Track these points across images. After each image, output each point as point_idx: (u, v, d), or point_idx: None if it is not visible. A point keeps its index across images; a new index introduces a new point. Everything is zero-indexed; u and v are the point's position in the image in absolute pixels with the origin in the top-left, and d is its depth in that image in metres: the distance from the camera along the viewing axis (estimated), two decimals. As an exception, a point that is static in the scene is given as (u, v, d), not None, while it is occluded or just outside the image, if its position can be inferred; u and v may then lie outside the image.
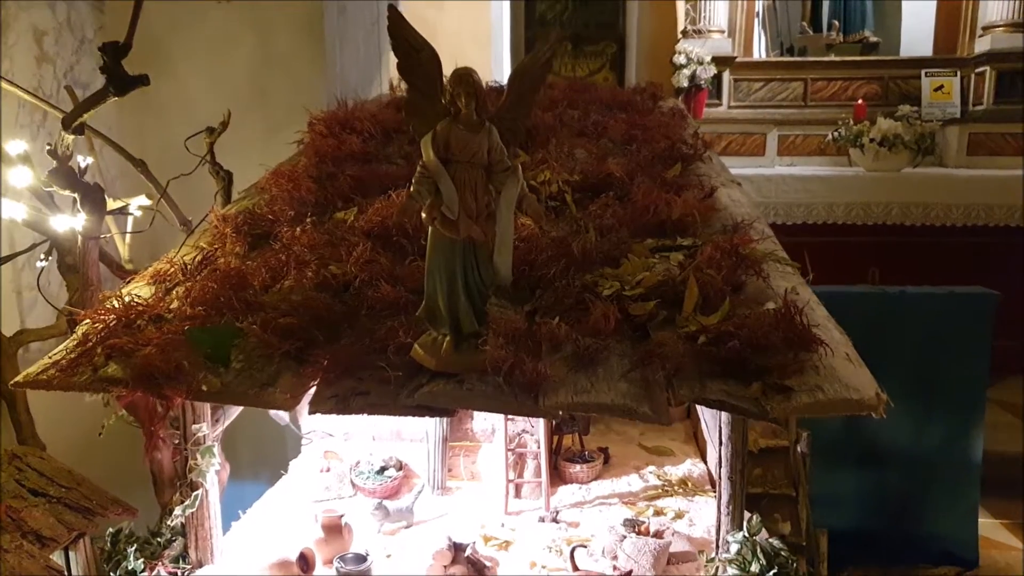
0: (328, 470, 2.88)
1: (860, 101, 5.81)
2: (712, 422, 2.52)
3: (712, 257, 2.03)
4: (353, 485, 2.90)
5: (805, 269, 2.24)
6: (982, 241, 5.35)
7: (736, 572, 2.20)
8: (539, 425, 2.90)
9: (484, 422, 3.04)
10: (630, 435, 3.44)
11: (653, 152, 2.84)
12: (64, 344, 1.87)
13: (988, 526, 4.47)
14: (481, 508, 2.84)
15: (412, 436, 3.07)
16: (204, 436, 2.42)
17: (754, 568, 2.20)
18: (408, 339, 1.79)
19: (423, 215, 1.62)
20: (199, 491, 2.41)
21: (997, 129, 5.57)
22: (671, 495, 2.93)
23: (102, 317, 1.86)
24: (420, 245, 2.01)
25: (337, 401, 1.72)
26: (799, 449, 3.27)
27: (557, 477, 3.01)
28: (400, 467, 2.96)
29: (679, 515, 2.78)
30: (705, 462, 3.19)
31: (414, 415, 1.71)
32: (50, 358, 1.82)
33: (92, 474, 2.34)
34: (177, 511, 2.38)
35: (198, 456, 2.41)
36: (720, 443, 2.39)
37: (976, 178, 5.38)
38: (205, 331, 1.78)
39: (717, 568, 2.29)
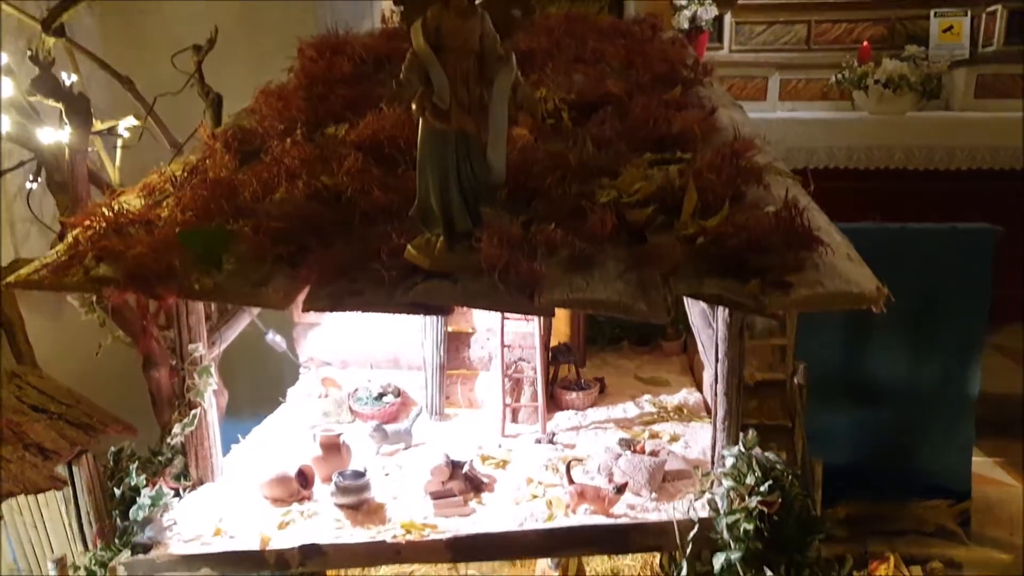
0: (326, 396, 2.89)
1: (865, 43, 5.69)
2: (708, 342, 2.52)
3: (712, 163, 2.00)
4: (351, 411, 2.92)
5: (806, 182, 2.21)
6: (987, 186, 5.29)
7: (732, 484, 2.21)
8: (535, 352, 2.90)
9: (481, 351, 3.04)
10: (626, 368, 3.45)
11: (653, 75, 2.79)
12: (55, 248, 1.85)
13: (983, 464, 4.51)
14: (479, 432, 2.86)
15: (410, 364, 3.08)
16: (200, 356, 2.43)
17: (749, 480, 2.22)
18: (401, 241, 1.77)
19: (413, 106, 1.58)
20: (197, 410, 2.42)
21: (1007, 70, 5.44)
22: (666, 420, 2.94)
23: (92, 223, 1.84)
24: (412, 157, 1.98)
25: (331, 300, 1.72)
26: (795, 380, 3.28)
27: (553, 404, 3.03)
28: (398, 394, 2.97)
29: (674, 438, 2.79)
30: (701, 391, 3.20)
31: (409, 313, 1.71)
32: (41, 261, 1.81)
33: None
34: (176, 429, 2.40)
35: (195, 376, 2.42)
36: (716, 360, 2.39)
37: (982, 120, 5.28)
38: (197, 233, 1.77)
39: (712, 482, 2.31)
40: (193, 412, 2.41)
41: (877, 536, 3.90)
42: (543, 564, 3.06)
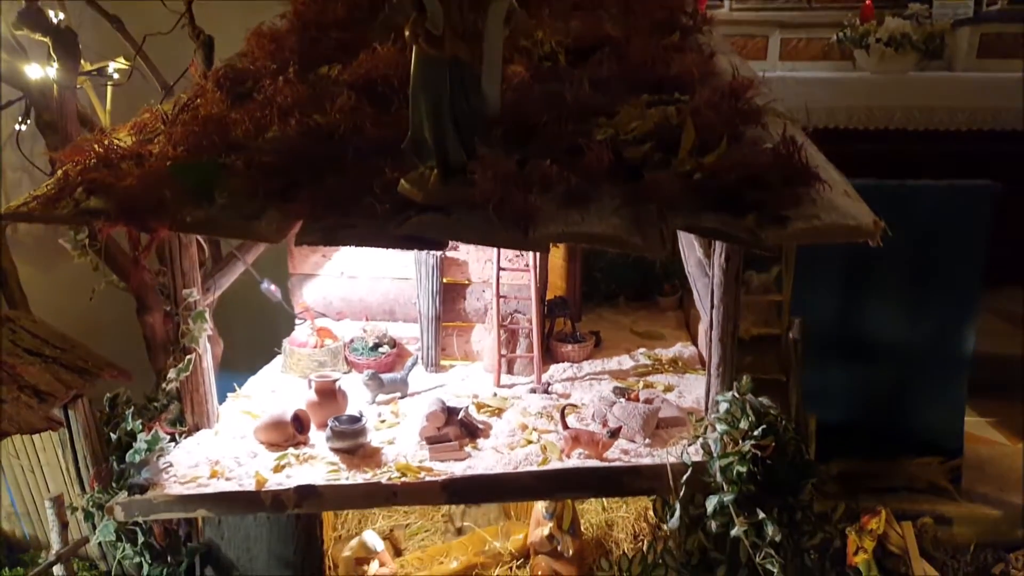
0: (322, 346, 2.89)
1: (867, 1, 5.60)
2: (704, 290, 2.51)
3: (710, 101, 1.97)
4: (347, 361, 2.92)
5: (806, 124, 2.19)
6: (988, 147, 5.25)
7: (725, 428, 2.22)
8: (531, 304, 2.89)
9: (477, 302, 3.03)
10: (622, 323, 3.45)
11: (651, 21, 2.74)
12: (45, 183, 1.83)
13: (976, 424, 4.54)
14: (474, 382, 2.87)
15: (405, 316, 3.07)
16: (195, 302, 2.42)
17: (743, 425, 2.23)
18: (395, 175, 1.75)
19: (406, 33, 1.55)
20: (192, 355, 2.42)
21: (1010, 30, 5.36)
22: (661, 372, 2.95)
23: (82, 157, 1.81)
24: (406, 95, 1.94)
25: (324, 233, 1.70)
26: (791, 335, 3.28)
27: (549, 356, 3.03)
28: (394, 344, 2.97)
29: (668, 388, 2.80)
30: (696, 345, 3.21)
31: (402, 247, 1.69)
32: (31, 194, 1.78)
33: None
34: (171, 374, 2.40)
35: (190, 321, 2.41)
36: (712, 307, 2.39)
37: (985, 81, 5.23)
38: (188, 166, 1.74)
39: (706, 427, 2.32)
40: (188, 357, 2.40)
41: (868, 493, 3.94)
42: (538, 514, 3.09)
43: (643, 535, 3.04)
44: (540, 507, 3.07)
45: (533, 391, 2.78)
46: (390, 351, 2.93)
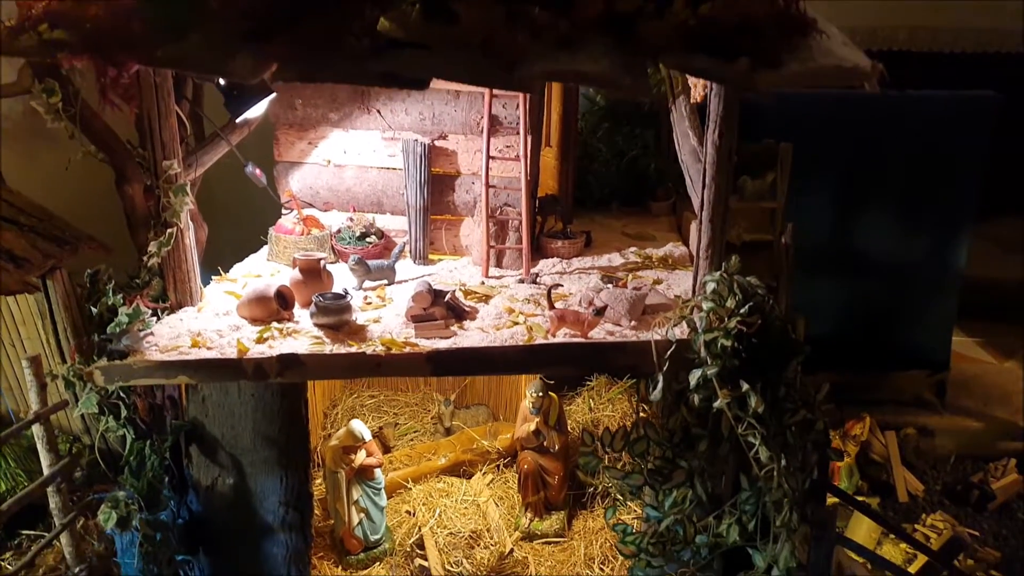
0: (308, 234, 2.84)
1: (878, -81, 5.41)
2: (697, 176, 2.46)
3: (707, -46, 1.88)
4: (334, 251, 2.88)
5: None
6: (992, 71, 5.14)
7: (711, 306, 2.20)
8: (521, 196, 2.84)
9: (466, 195, 2.98)
10: (613, 226, 3.41)
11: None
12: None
13: (964, 343, 4.58)
14: (463, 273, 2.84)
15: (393, 208, 3.02)
16: (176, 175, 2.36)
17: (729, 303, 2.21)
18: (375, 14, 1.67)
19: None
20: (173, 230, 2.37)
21: (1021, -51, 5.23)
22: (651, 268, 2.92)
23: (47, -6, 1.72)
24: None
25: (301, 71, 1.64)
26: (783, 240, 3.25)
27: (539, 252, 2.99)
28: (381, 235, 2.93)
29: (657, 282, 2.78)
30: (687, 245, 3.17)
31: (382, 84, 1.65)
32: (-8, 27, 1.70)
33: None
34: (152, 248, 2.35)
35: (171, 195, 2.36)
36: (704, 187, 2.34)
37: (992, 2, 5.09)
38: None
39: (693, 308, 2.30)
40: (169, 231, 2.36)
41: (855, 404, 3.98)
42: (524, 410, 3.12)
43: (629, 433, 3.06)
44: (527, 403, 3.09)
45: (521, 281, 2.76)
46: (377, 241, 2.89)
